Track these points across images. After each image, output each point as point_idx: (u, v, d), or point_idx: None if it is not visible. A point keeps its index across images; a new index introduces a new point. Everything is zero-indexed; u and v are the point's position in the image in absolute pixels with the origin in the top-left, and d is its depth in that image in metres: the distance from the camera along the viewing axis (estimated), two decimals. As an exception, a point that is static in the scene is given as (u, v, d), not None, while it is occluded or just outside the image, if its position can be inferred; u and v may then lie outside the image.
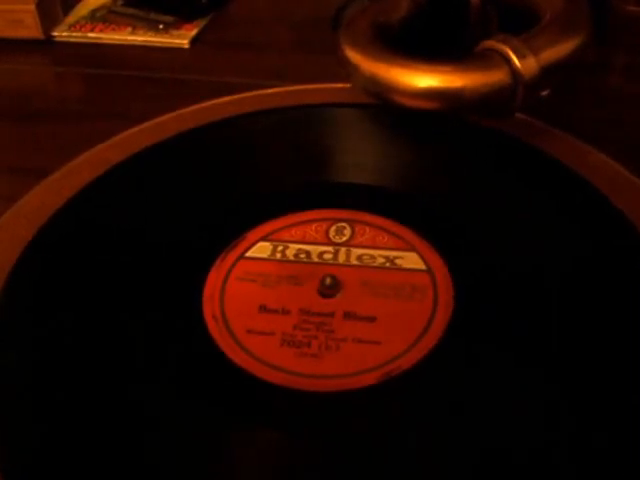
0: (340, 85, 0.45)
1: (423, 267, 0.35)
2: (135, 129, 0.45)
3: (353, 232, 0.37)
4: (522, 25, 0.40)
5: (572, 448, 0.27)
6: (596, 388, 0.29)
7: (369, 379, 0.30)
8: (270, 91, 0.47)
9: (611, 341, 0.31)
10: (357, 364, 0.31)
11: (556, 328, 0.31)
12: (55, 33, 0.62)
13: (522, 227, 0.36)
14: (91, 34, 0.62)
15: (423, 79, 0.38)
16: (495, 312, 0.32)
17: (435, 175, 0.40)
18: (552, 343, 0.31)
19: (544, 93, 0.39)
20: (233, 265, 0.36)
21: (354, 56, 0.41)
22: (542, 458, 0.27)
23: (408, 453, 0.28)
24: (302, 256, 0.36)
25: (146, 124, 0.45)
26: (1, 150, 0.50)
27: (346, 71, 0.42)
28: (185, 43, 0.60)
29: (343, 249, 0.36)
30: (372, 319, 0.33)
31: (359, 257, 0.35)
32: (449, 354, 0.31)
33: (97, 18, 0.64)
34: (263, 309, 0.34)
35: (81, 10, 0.66)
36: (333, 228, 0.37)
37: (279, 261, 0.36)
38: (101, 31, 0.62)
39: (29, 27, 0.61)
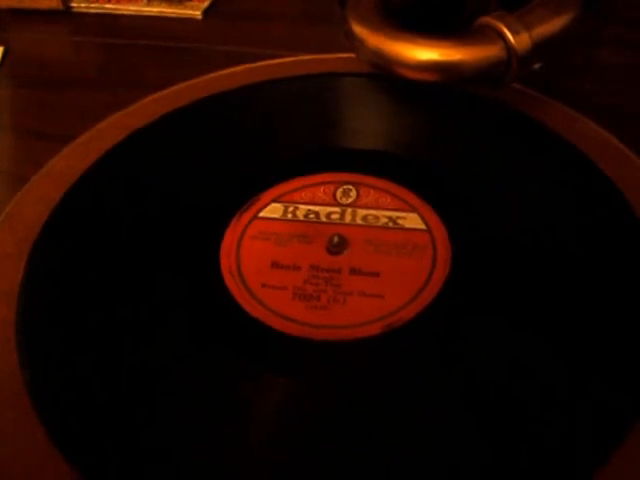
0: (346, 55, 0.46)
1: (423, 227, 0.36)
2: (154, 96, 0.45)
3: (358, 194, 0.38)
4: (520, 2, 0.41)
5: (567, 398, 0.29)
6: (587, 335, 0.31)
7: (374, 329, 0.32)
8: (280, 61, 0.48)
9: (599, 295, 0.32)
10: (362, 315, 0.32)
11: (547, 284, 0.33)
12: (73, 4, 0.63)
13: (516, 190, 0.37)
14: (108, 5, 0.62)
15: (424, 53, 0.39)
16: (489, 268, 0.34)
17: (435, 141, 0.41)
18: (544, 296, 0.32)
19: (537, 66, 0.40)
20: (248, 225, 0.37)
21: (360, 31, 0.41)
22: (538, 404, 0.29)
23: (408, 396, 0.29)
24: (311, 216, 0.37)
25: (163, 92, 0.46)
26: (24, 115, 0.51)
27: (352, 44, 0.43)
28: (198, 14, 0.60)
29: (349, 210, 0.37)
30: (376, 274, 0.34)
31: (364, 217, 0.37)
32: (447, 307, 0.33)
33: (114, -11, 0.65)
34: (276, 265, 0.35)
35: (98, -18, 0.66)
36: (340, 190, 0.38)
37: (290, 221, 0.37)
38: (118, 2, 0.62)
39: (48, -2, 0.62)
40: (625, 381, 0.29)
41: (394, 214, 0.37)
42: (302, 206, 0.38)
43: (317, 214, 0.37)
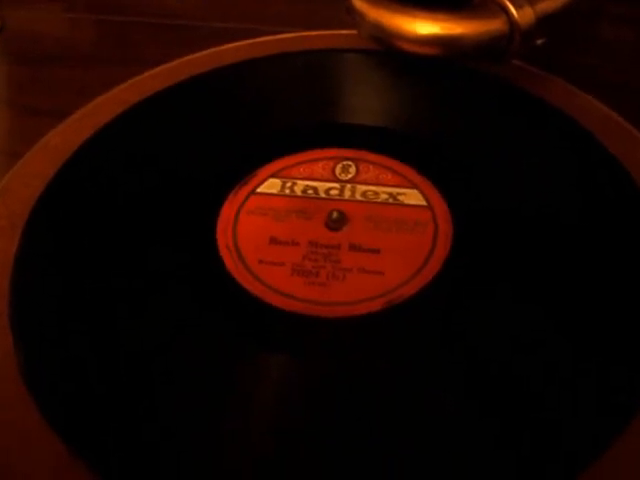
0: (346, 32, 0.45)
1: (424, 203, 0.35)
2: (151, 72, 0.44)
3: (358, 170, 0.37)
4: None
5: (570, 379, 0.28)
6: (588, 311, 0.30)
7: (374, 306, 0.31)
8: (279, 37, 0.47)
9: (602, 272, 0.32)
10: (362, 292, 0.32)
11: (551, 262, 0.32)
12: (70, -19, 0.62)
13: (518, 167, 0.37)
14: (104, -18, 0.61)
15: (425, 27, 0.38)
16: (491, 245, 0.33)
17: (436, 117, 0.40)
18: (547, 274, 0.32)
19: (540, 41, 0.39)
20: (245, 200, 0.36)
21: (361, 5, 0.41)
22: (542, 384, 0.28)
23: (409, 373, 0.29)
24: (310, 192, 0.36)
25: (161, 67, 0.45)
26: (20, 92, 0.50)
27: (353, 19, 0.42)
28: (196, -9, 0.59)
29: (348, 186, 0.36)
30: (376, 251, 0.33)
31: (363, 193, 0.36)
32: (448, 283, 0.32)
33: (110, -33, 0.63)
34: (274, 241, 0.34)
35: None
36: (339, 166, 0.37)
37: (288, 196, 0.36)
38: (114, -21, 0.62)
39: (45, -25, 0.61)
40: (630, 362, 0.28)
41: (394, 190, 0.36)
42: (300, 181, 0.37)
43: (316, 190, 0.36)
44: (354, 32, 0.43)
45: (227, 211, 0.35)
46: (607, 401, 0.27)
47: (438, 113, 0.40)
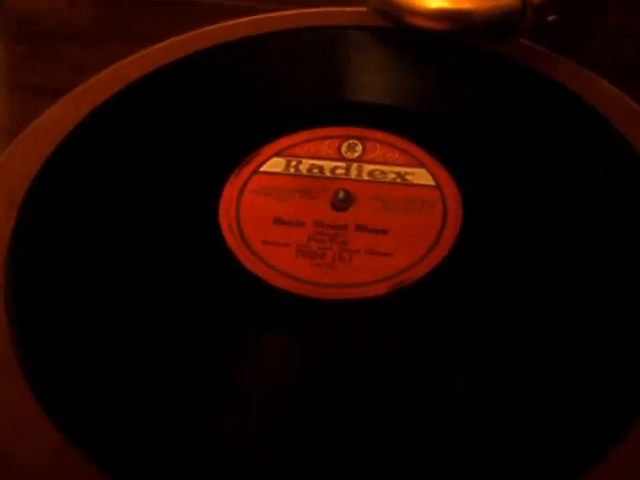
0: (351, 9, 0.44)
1: (432, 183, 0.34)
2: (152, 48, 0.43)
3: (364, 149, 0.36)
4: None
5: (581, 365, 0.28)
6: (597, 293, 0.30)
7: (381, 288, 0.30)
8: (283, 13, 0.46)
9: (611, 253, 0.31)
10: (370, 274, 0.31)
11: (562, 243, 0.31)
12: (68, -43, 0.61)
13: (526, 145, 0.36)
14: (104, -41, 0.60)
15: (434, 1, 0.37)
16: (501, 224, 0.32)
17: (443, 95, 0.39)
18: (559, 256, 0.31)
19: (551, 18, 0.38)
20: (248, 179, 0.35)
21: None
22: (553, 370, 0.27)
23: (416, 357, 0.28)
24: (315, 171, 0.35)
25: (163, 43, 0.44)
26: (18, 70, 0.49)
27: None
28: (197, -32, 0.58)
29: (355, 165, 0.35)
30: (384, 232, 0.32)
31: (370, 173, 0.35)
32: (458, 265, 0.31)
33: (110, -57, 0.62)
34: (278, 221, 0.33)
35: None
36: (345, 145, 0.36)
37: (293, 175, 0.35)
38: (113, -44, 0.61)
39: (43, -49, 0.60)
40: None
41: (402, 170, 0.35)
42: (305, 160, 0.36)
43: (321, 168, 0.35)
44: (360, 9, 0.42)
45: (230, 191, 0.34)
46: (617, 395, 0.27)
47: (446, 92, 0.39)
